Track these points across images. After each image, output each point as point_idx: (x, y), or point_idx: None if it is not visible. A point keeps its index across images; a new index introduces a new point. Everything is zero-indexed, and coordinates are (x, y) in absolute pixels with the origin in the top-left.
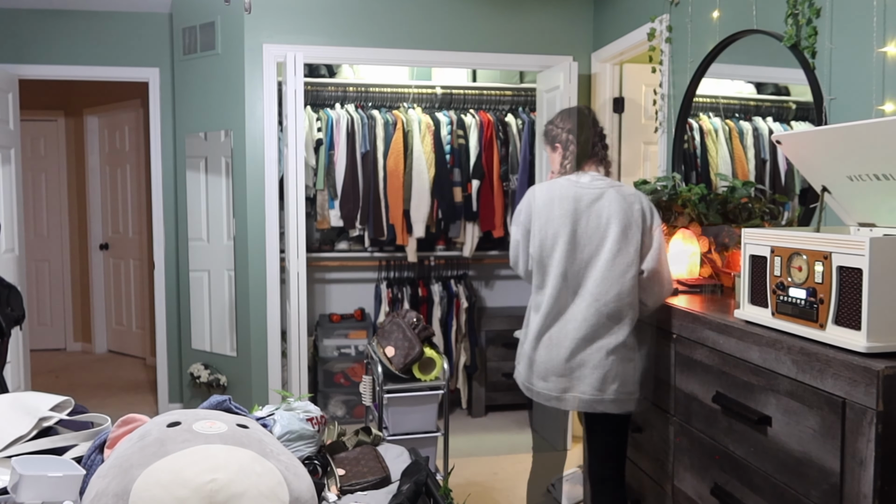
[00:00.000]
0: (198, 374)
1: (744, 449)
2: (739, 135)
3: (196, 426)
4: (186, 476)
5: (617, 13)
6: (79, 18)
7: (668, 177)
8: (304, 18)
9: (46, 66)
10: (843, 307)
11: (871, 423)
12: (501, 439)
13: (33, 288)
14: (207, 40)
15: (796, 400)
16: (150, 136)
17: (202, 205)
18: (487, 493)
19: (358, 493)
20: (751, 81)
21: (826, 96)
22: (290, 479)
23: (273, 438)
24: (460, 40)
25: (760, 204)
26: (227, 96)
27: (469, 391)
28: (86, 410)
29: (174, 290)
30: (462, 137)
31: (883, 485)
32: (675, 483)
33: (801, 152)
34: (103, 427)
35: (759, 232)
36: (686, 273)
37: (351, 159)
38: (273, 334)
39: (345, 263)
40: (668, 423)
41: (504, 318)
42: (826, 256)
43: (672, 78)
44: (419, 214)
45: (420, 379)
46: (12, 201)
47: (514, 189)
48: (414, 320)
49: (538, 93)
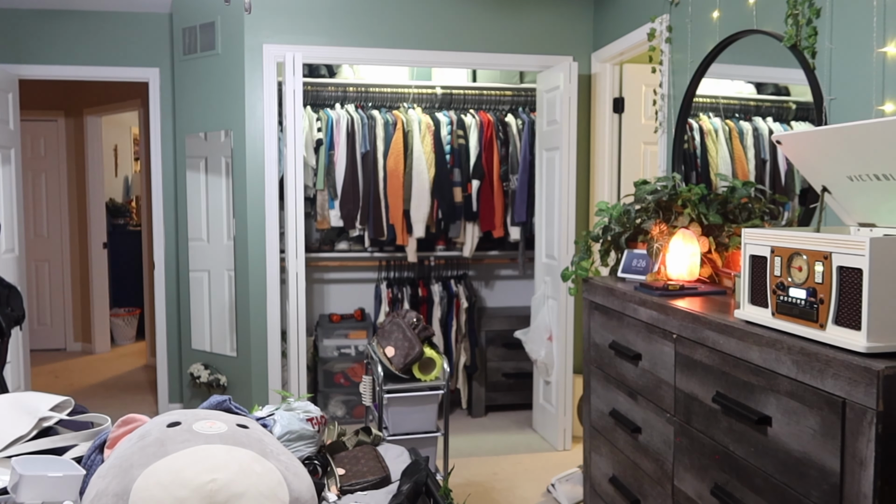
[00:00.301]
0: (198, 374)
1: (744, 449)
2: (739, 135)
3: (196, 426)
4: (186, 476)
5: (617, 13)
6: (79, 18)
7: (668, 177)
8: (303, 18)
9: (46, 66)
10: (844, 307)
11: (871, 423)
12: (501, 439)
13: (33, 288)
14: (207, 40)
15: (796, 400)
16: (150, 136)
17: (202, 205)
18: (487, 493)
19: (358, 492)
20: (751, 81)
21: (826, 96)
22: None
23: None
24: (460, 40)
25: (760, 204)
26: (226, 96)
27: (469, 391)
28: (86, 410)
29: (174, 290)
30: (462, 137)
31: (883, 485)
32: (675, 483)
33: (801, 152)
34: (103, 427)
35: (759, 232)
36: (686, 273)
37: (351, 159)
38: (273, 334)
39: (345, 263)
40: (668, 423)
41: (504, 318)
42: (826, 256)
43: (672, 78)
44: (419, 214)
45: (420, 379)
46: (12, 201)
47: (514, 189)
48: (414, 320)
49: (538, 93)
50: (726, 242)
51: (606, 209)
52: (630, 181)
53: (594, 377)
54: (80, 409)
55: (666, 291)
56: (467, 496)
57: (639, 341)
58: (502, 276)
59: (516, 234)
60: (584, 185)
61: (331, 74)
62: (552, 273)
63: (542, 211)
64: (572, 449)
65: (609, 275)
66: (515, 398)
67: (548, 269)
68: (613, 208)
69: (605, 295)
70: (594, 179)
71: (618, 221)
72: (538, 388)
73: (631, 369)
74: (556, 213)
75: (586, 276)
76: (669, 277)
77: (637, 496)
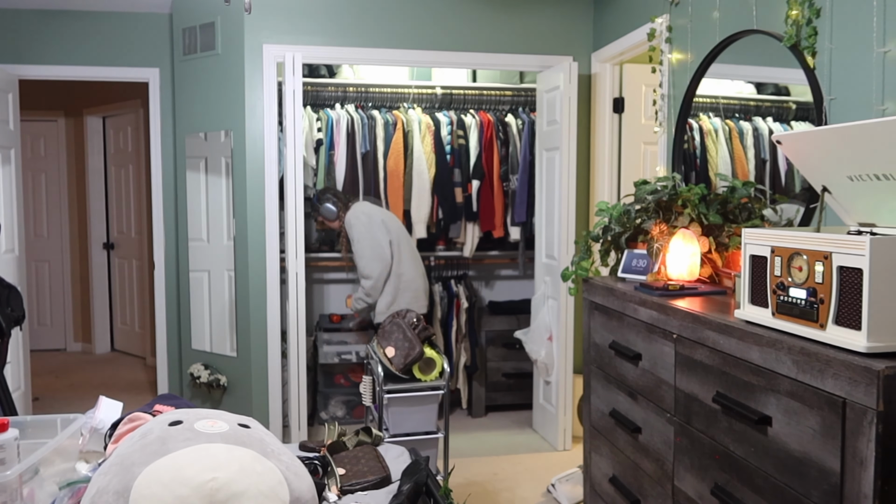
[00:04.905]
0: (198, 374)
1: (744, 449)
2: (739, 135)
3: (197, 425)
4: (187, 474)
5: (617, 13)
6: (79, 18)
7: (668, 177)
8: (303, 18)
9: (46, 66)
10: (844, 307)
11: (871, 423)
12: (501, 439)
13: (33, 288)
14: (207, 40)
15: (796, 400)
16: (150, 136)
17: (202, 205)
18: (487, 494)
19: (358, 492)
20: (751, 81)
21: (826, 96)
22: (291, 479)
23: (274, 438)
24: (460, 40)
25: (760, 204)
26: (226, 96)
27: (469, 391)
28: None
29: (174, 290)
30: (462, 137)
31: (883, 485)
32: (675, 483)
33: (801, 152)
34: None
35: (759, 232)
36: (686, 273)
37: (351, 159)
38: (273, 335)
39: (345, 264)
40: (669, 423)
41: (504, 319)
42: (826, 256)
43: (672, 78)
44: (420, 215)
45: (420, 379)
46: (12, 201)
47: (514, 189)
48: (414, 320)
49: (538, 93)
50: (726, 242)
51: (606, 209)
52: (630, 181)
53: (594, 377)
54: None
55: (666, 291)
56: (467, 496)
57: (639, 341)
58: (502, 276)
59: (516, 234)
60: (584, 185)
61: (331, 74)
62: (552, 273)
63: (542, 211)
64: (572, 449)
65: (609, 275)
66: (515, 398)
67: (548, 269)
68: (613, 208)
69: (605, 295)
70: (594, 179)
71: (618, 221)
72: (538, 388)
73: (631, 369)
74: (556, 213)
75: (586, 276)
76: (669, 277)
77: (637, 496)
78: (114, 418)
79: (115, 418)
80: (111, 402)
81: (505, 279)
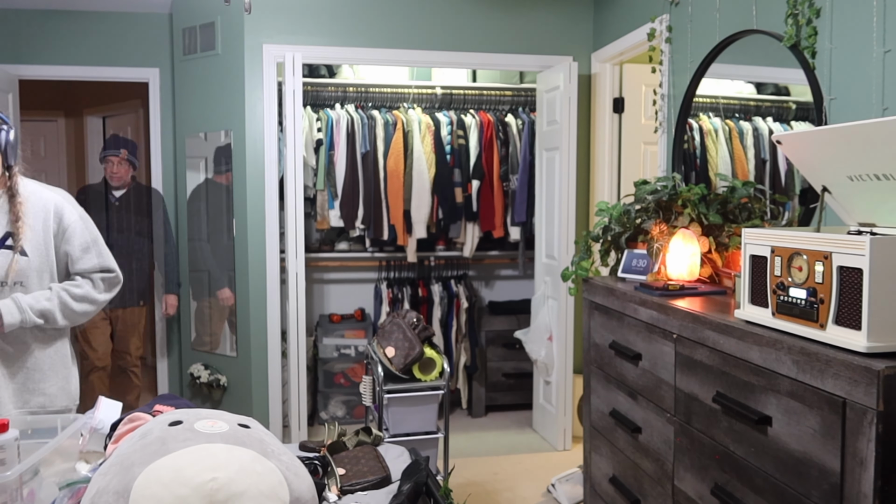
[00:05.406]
0: (198, 374)
1: (744, 449)
2: (739, 135)
3: (197, 425)
4: (187, 475)
5: (617, 13)
6: (79, 18)
7: (668, 177)
8: (303, 19)
9: (46, 66)
10: (844, 307)
11: (871, 423)
12: (501, 439)
13: None
14: (207, 40)
15: (796, 400)
16: (151, 136)
17: (202, 205)
18: (487, 494)
19: (358, 493)
20: (751, 81)
21: (826, 96)
22: (291, 479)
23: (274, 438)
24: (460, 40)
25: (760, 204)
26: (226, 96)
27: (469, 391)
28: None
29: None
30: (462, 138)
31: (883, 485)
32: (675, 483)
33: (801, 152)
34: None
35: (759, 232)
36: (686, 273)
37: (351, 159)
38: (273, 334)
39: (345, 264)
40: (669, 423)
41: (504, 319)
42: (826, 256)
43: (672, 78)
44: (420, 215)
45: (420, 379)
46: None
47: (514, 189)
48: (414, 320)
49: (538, 93)
50: (726, 242)
51: (606, 209)
52: (630, 181)
53: (594, 377)
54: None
55: (666, 291)
56: (467, 496)
57: (639, 341)
58: (502, 276)
59: (516, 234)
60: (584, 185)
61: (331, 74)
62: (552, 273)
63: (542, 211)
64: (572, 449)
65: (609, 275)
66: (515, 398)
67: (548, 269)
68: (613, 208)
69: (605, 295)
70: (594, 179)
71: (618, 221)
72: (538, 388)
73: (631, 369)
74: (556, 213)
75: (586, 276)
76: (669, 277)
77: (637, 496)
78: (113, 418)
79: (114, 418)
80: (111, 402)
81: (505, 279)
